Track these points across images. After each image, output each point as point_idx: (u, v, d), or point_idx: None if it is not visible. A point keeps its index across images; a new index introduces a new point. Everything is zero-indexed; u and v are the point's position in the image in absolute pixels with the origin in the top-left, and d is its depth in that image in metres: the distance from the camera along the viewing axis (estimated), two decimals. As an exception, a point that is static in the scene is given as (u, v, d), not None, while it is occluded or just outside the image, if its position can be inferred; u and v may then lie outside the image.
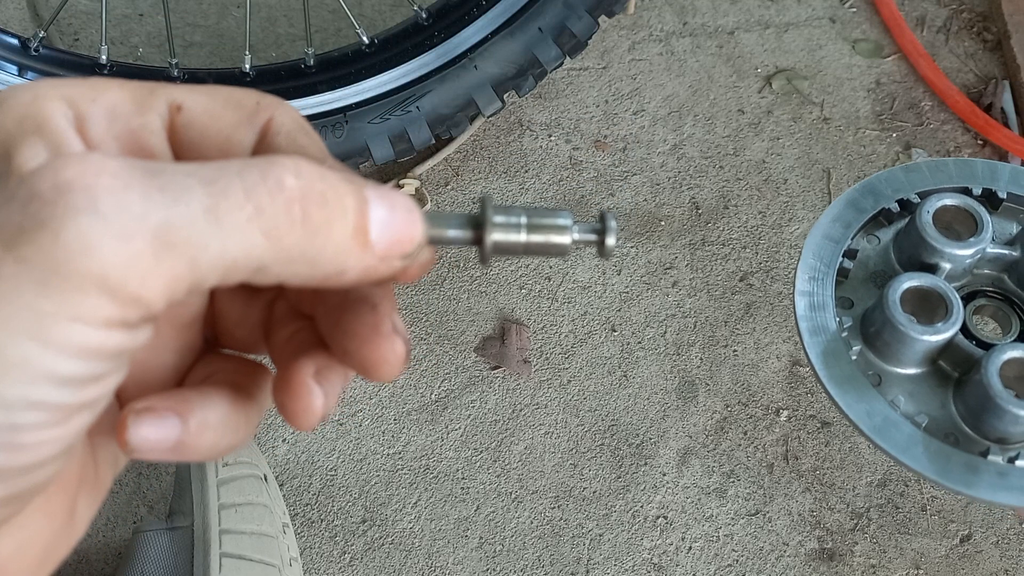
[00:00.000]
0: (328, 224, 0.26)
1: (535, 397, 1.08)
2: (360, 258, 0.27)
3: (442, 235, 0.30)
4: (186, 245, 0.23)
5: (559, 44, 1.07)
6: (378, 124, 1.08)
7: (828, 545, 1.02)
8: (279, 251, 0.25)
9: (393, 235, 0.27)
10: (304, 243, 0.25)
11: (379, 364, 0.29)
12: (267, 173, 0.25)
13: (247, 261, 0.25)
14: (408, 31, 1.08)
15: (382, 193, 0.27)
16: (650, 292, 1.15)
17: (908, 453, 0.51)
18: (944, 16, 1.38)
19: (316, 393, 0.29)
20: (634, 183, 1.23)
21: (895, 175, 0.61)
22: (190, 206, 0.24)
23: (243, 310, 0.33)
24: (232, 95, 0.29)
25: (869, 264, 0.60)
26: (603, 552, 1.01)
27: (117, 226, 0.23)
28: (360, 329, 0.29)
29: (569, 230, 0.31)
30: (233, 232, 0.24)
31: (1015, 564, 1.01)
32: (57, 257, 0.22)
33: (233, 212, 0.24)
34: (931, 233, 0.55)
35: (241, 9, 1.33)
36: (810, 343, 0.55)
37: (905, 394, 0.54)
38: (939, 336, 0.52)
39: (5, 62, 1.00)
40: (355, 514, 1.02)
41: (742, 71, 1.32)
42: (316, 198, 0.25)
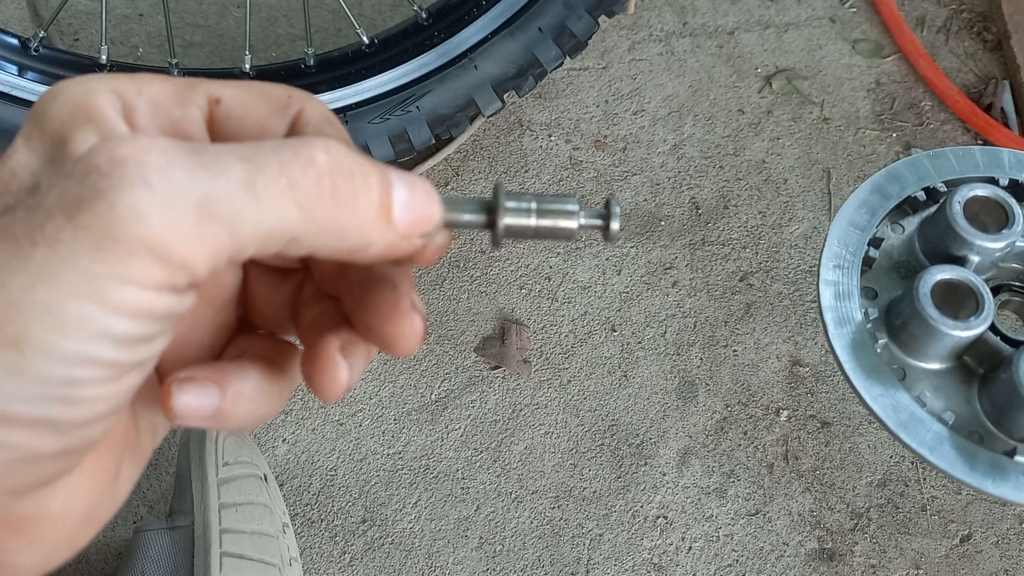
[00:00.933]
0: (355, 197, 0.28)
1: (535, 397, 1.08)
2: (384, 233, 0.29)
3: (458, 218, 0.32)
4: (226, 215, 0.26)
5: (559, 44, 1.07)
6: (378, 124, 1.08)
7: (828, 545, 1.02)
8: (311, 222, 0.27)
9: (414, 213, 0.29)
10: (333, 214, 0.27)
11: (399, 339, 0.31)
12: (299, 150, 0.27)
13: (282, 231, 0.27)
14: (408, 31, 1.08)
15: (403, 175, 0.30)
16: (650, 292, 1.15)
17: (936, 452, 0.50)
18: (944, 16, 1.38)
19: (342, 366, 0.31)
20: (634, 183, 1.23)
21: (920, 162, 0.60)
22: (229, 179, 0.26)
23: (273, 291, 0.35)
24: (265, 89, 0.32)
25: (893, 254, 0.58)
26: (603, 552, 1.01)
27: (165, 197, 0.25)
28: (382, 306, 0.31)
29: (576, 215, 0.33)
30: (269, 203, 0.26)
31: (1015, 564, 1.01)
32: (112, 224, 0.24)
33: (269, 185, 0.26)
34: (961, 224, 0.54)
35: (241, 9, 1.33)
36: (836, 334, 0.54)
37: (931, 390, 0.53)
38: (970, 332, 0.51)
39: (5, 62, 1.00)
40: (355, 514, 1.02)
41: (742, 71, 1.32)
42: (344, 173, 0.28)
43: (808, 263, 1.17)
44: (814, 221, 1.20)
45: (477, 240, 1.18)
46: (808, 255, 1.18)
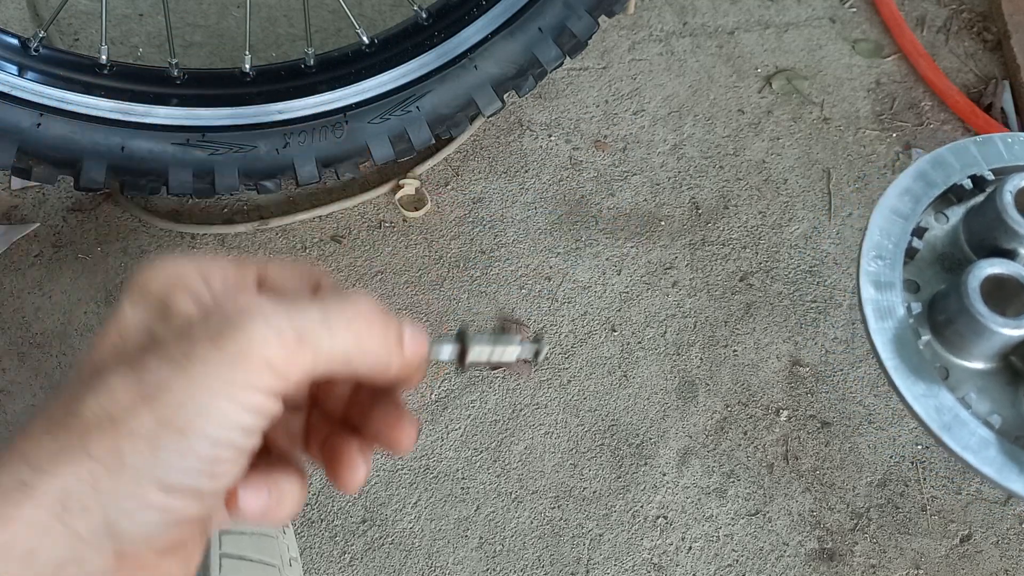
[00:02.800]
0: (386, 331, 0.39)
1: (535, 397, 1.08)
2: (399, 358, 0.40)
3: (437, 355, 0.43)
4: (312, 341, 0.36)
5: (559, 44, 1.07)
6: (378, 124, 1.08)
7: (828, 545, 1.02)
8: (361, 348, 0.38)
9: (416, 344, 0.41)
10: (374, 342, 0.38)
11: (401, 440, 0.43)
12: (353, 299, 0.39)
13: (343, 355, 0.37)
14: (408, 31, 1.08)
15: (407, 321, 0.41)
16: (650, 292, 1.15)
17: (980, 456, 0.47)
18: (944, 16, 1.38)
19: (362, 463, 0.43)
20: (634, 183, 1.23)
21: (965, 148, 0.56)
22: (313, 318, 0.37)
23: (287, 421, 0.45)
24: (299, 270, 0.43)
25: (937, 245, 0.54)
26: (603, 552, 1.01)
27: (276, 329, 0.35)
28: (387, 418, 0.43)
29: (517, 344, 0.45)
30: (338, 335, 0.37)
31: (1015, 564, 1.01)
32: (244, 346, 0.35)
33: (337, 322, 0.37)
34: (1013, 215, 0.50)
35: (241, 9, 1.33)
36: (876, 328, 0.50)
37: (975, 391, 0.50)
38: (1021, 330, 0.48)
39: (5, 62, 1.00)
40: (355, 514, 1.02)
41: (742, 71, 1.32)
42: (379, 314, 0.39)
43: (808, 263, 1.17)
44: (814, 221, 1.20)
45: (477, 240, 1.18)
46: (808, 255, 1.18)
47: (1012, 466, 0.47)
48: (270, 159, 1.07)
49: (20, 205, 1.19)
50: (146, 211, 1.19)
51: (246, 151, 1.06)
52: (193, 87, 1.07)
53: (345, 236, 1.18)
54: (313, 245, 1.17)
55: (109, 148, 1.03)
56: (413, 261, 1.16)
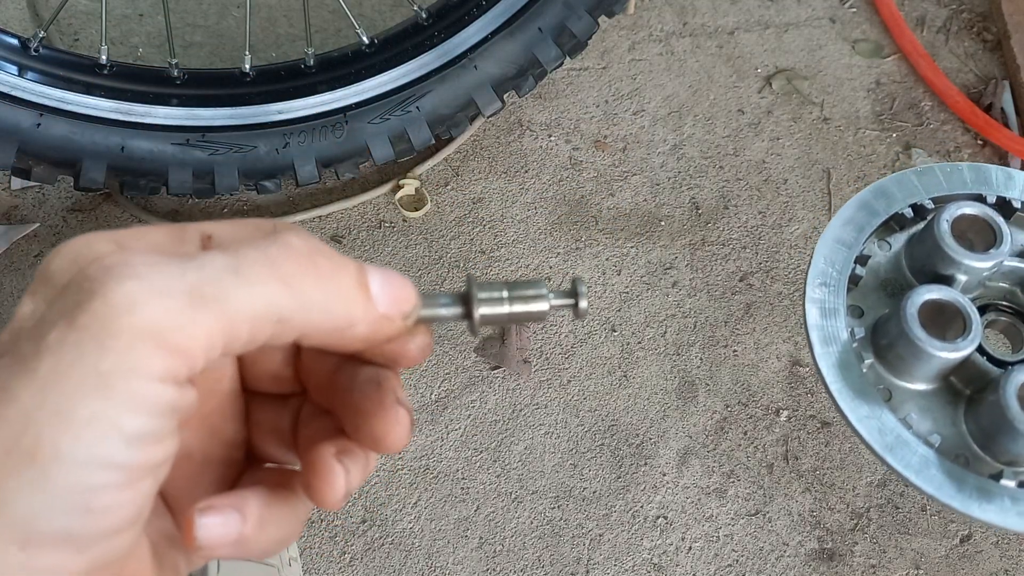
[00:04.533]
0: (335, 273, 0.30)
1: (535, 397, 1.08)
2: (366, 311, 0.31)
3: (435, 312, 0.34)
4: (216, 298, 0.27)
5: (559, 44, 1.07)
6: (378, 124, 1.08)
7: (828, 545, 1.01)
8: (295, 296, 0.28)
9: (391, 291, 0.31)
10: (317, 289, 0.29)
11: (386, 434, 0.32)
12: (275, 238, 0.29)
13: (270, 309, 0.28)
14: (408, 31, 1.08)
15: (374, 265, 0.32)
16: (650, 292, 1.15)
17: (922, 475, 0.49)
18: (944, 16, 1.38)
19: (338, 471, 0.32)
20: (634, 183, 1.23)
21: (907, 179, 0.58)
22: (216, 266, 0.27)
23: (276, 419, 0.36)
24: (253, 222, 0.33)
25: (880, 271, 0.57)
26: (603, 552, 1.01)
27: (157, 285, 0.26)
28: (367, 404, 0.33)
29: (546, 297, 0.36)
30: (255, 283, 0.28)
31: (1015, 564, 1.01)
32: (108, 318, 0.26)
33: (253, 266, 0.28)
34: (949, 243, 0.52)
35: (241, 9, 1.33)
36: (821, 354, 0.53)
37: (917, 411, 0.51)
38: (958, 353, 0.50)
39: (5, 62, 1.00)
40: (355, 514, 1.02)
41: (742, 71, 1.32)
42: (321, 251, 0.30)
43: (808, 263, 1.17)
44: (814, 221, 1.20)
45: (477, 240, 1.18)
46: (808, 255, 1.18)
47: (951, 484, 0.49)
48: (270, 159, 1.07)
49: (20, 205, 1.19)
50: (146, 211, 1.19)
51: (246, 151, 1.06)
52: (193, 87, 1.07)
53: (345, 236, 1.18)
54: (313, 245, 1.17)
55: (109, 148, 1.03)
56: (413, 261, 1.16)
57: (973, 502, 0.49)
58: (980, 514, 0.48)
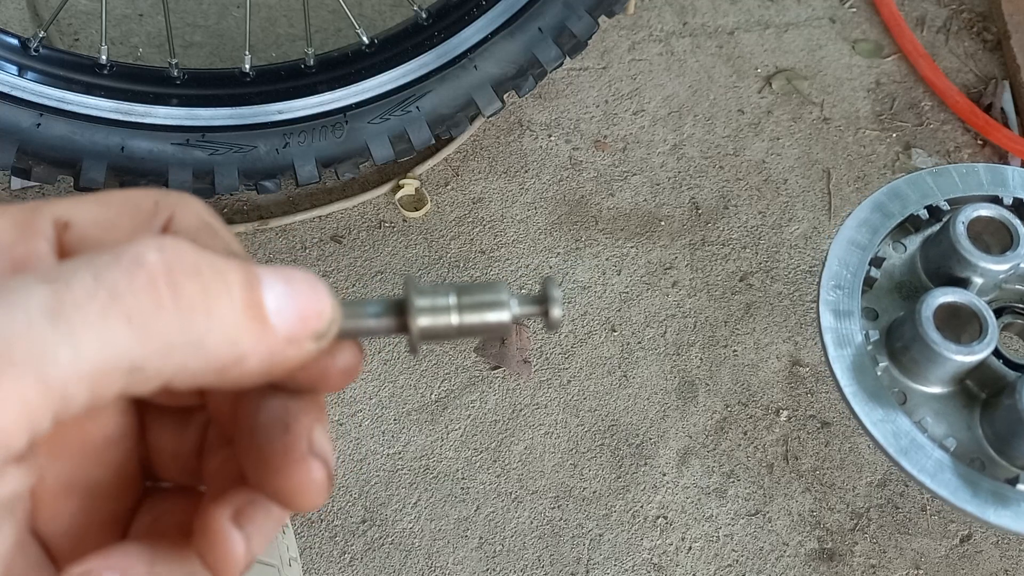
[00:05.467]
0: (206, 298, 0.22)
1: (535, 397, 1.08)
2: (259, 339, 0.23)
3: (361, 325, 0.27)
4: (29, 359, 0.20)
5: (559, 44, 1.07)
6: (378, 124, 1.08)
7: (828, 545, 1.01)
8: (150, 339, 0.21)
9: (297, 309, 0.24)
10: (181, 324, 0.21)
11: (293, 494, 0.25)
12: (121, 253, 0.21)
13: (114, 361, 0.21)
14: (408, 31, 1.08)
15: (277, 269, 0.24)
16: (650, 292, 1.15)
17: (937, 479, 0.49)
18: (944, 16, 1.38)
19: (235, 539, 0.25)
20: (634, 183, 1.23)
21: (922, 179, 0.58)
22: (29, 312, 0.20)
23: (177, 440, 0.29)
24: (127, 199, 0.26)
25: (895, 273, 0.56)
26: (603, 552, 1.01)
27: None
28: (271, 454, 0.25)
29: (507, 305, 0.28)
30: (85, 329, 0.20)
31: (1015, 564, 1.01)
32: None
33: (81, 305, 0.20)
34: (965, 245, 0.52)
35: (241, 9, 1.33)
36: (835, 356, 0.52)
37: (932, 415, 0.51)
38: (974, 357, 0.49)
39: (5, 62, 1.00)
40: (355, 514, 1.02)
41: (742, 71, 1.32)
42: (187, 269, 0.22)
43: (808, 263, 1.17)
44: (814, 221, 1.20)
45: (477, 240, 1.18)
46: (808, 255, 1.18)
47: (966, 489, 0.49)
48: (270, 159, 1.07)
49: (20, 205, 1.19)
50: (146, 211, 1.19)
51: (246, 151, 1.06)
52: (193, 87, 1.07)
53: (345, 236, 1.18)
54: (313, 245, 1.17)
55: (109, 148, 1.03)
56: (413, 261, 1.16)
57: (988, 507, 0.48)
58: (996, 519, 0.48)
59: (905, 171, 1.25)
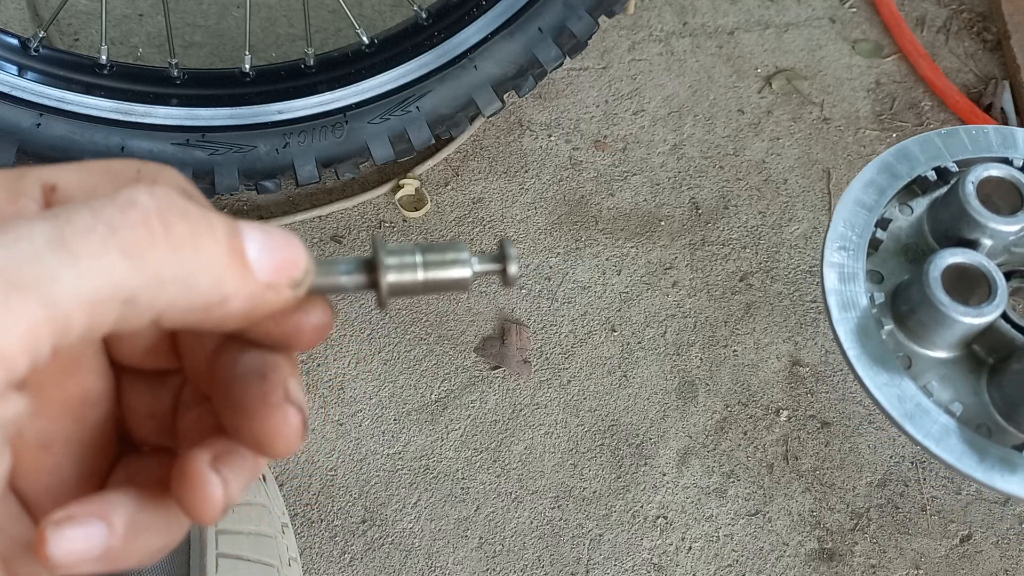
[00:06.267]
0: (195, 237, 0.23)
1: (535, 397, 1.08)
2: (242, 281, 0.24)
3: (333, 282, 0.28)
4: (34, 282, 0.21)
5: (559, 44, 1.07)
6: (378, 124, 1.08)
7: (828, 545, 1.01)
8: (144, 270, 0.22)
9: (274, 256, 0.25)
10: (172, 258, 0.23)
11: (271, 438, 0.26)
12: (116, 196, 0.23)
13: (111, 290, 0.22)
14: (408, 31, 1.08)
15: (255, 223, 0.26)
16: (650, 292, 1.15)
17: (942, 444, 0.47)
18: (944, 16, 1.38)
19: (213, 482, 0.26)
20: (634, 183, 1.23)
21: (931, 140, 0.56)
22: (33, 241, 0.21)
23: (152, 400, 0.30)
24: (109, 167, 0.27)
25: (901, 236, 0.55)
26: (603, 552, 1.01)
27: None
28: (248, 401, 0.27)
29: (467, 263, 0.31)
30: (86, 257, 0.21)
31: (1015, 564, 1.01)
32: None
33: (82, 235, 0.22)
34: (975, 206, 0.51)
35: (241, 9, 1.33)
36: (839, 319, 0.51)
37: (938, 379, 0.50)
38: (982, 319, 0.48)
39: (5, 62, 1.00)
40: (355, 514, 1.02)
41: (742, 71, 1.32)
42: (176, 211, 0.23)
43: (808, 263, 1.17)
44: (814, 221, 1.20)
45: (476, 240, 1.18)
46: (808, 255, 1.18)
47: (972, 454, 0.47)
48: (270, 159, 1.07)
49: (20, 205, 1.19)
50: (146, 211, 1.19)
51: (246, 151, 1.06)
52: (193, 87, 1.07)
53: (345, 236, 1.18)
54: (313, 245, 1.17)
55: (109, 148, 1.03)
56: (413, 261, 1.16)
57: (995, 473, 0.47)
58: (1003, 485, 0.46)
59: (905, 171, 1.25)
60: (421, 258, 0.30)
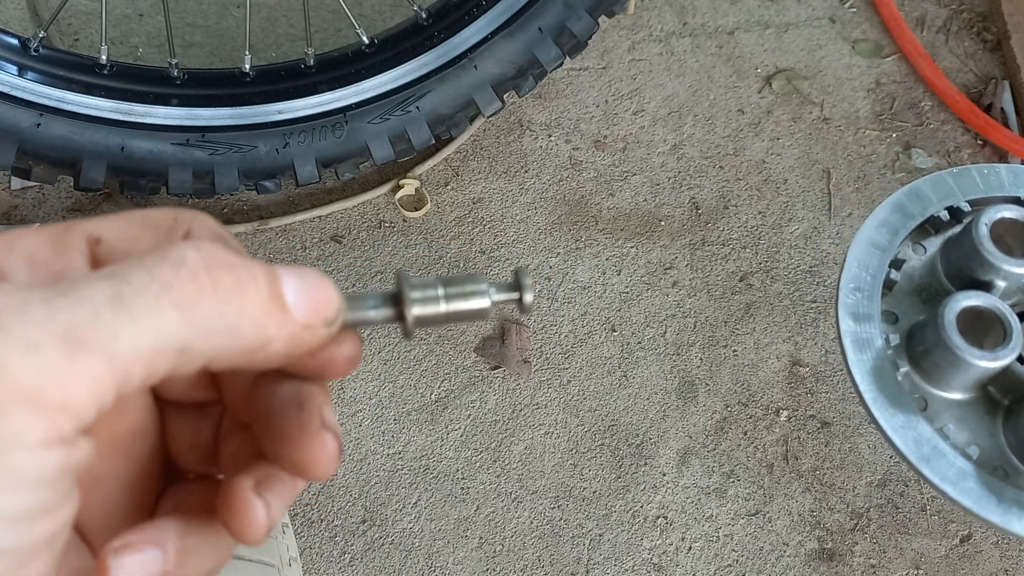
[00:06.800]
0: (240, 288, 0.26)
1: (535, 397, 1.08)
2: (282, 324, 0.27)
3: (362, 316, 0.31)
4: (97, 340, 0.23)
5: (559, 44, 1.07)
6: (378, 124, 1.08)
7: (828, 545, 1.01)
8: (195, 324, 0.24)
9: (310, 298, 0.27)
10: (220, 310, 0.25)
11: (310, 463, 0.29)
12: (166, 254, 0.25)
13: (166, 343, 0.24)
14: (408, 31, 1.08)
15: (289, 267, 0.28)
16: (650, 292, 1.15)
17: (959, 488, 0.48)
18: (944, 16, 1.38)
19: (256, 506, 0.28)
20: (634, 183, 1.23)
21: (943, 180, 0.57)
22: (95, 301, 0.23)
23: (194, 432, 0.33)
24: (148, 217, 0.29)
25: (915, 276, 0.55)
26: (603, 552, 1.01)
27: (22, 338, 0.22)
28: (288, 429, 0.29)
29: (487, 293, 0.32)
30: (143, 315, 0.24)
31: (1015, 564, 1.01)
32: None
33: (139, 295, 0.24)
34: (989, 248, 0.51)
35: (241, 9, 1.33)
36: (855, 361, 0.51)
37: (954, 421, 0.50)
38: (998, 363, 0.48)
39: (5, 62, 1.00)
40: (355, 514, 1.02)
41: (742, 71, 1.32)
42: (221, 265, 0.25)
43: (808, 263, 1.17)
44: (814, 221, 1.20)
45: (477, 240, 1.18)
46: (808, 255, 1.18)
47: (990, 497, 0.48)
48: (270, 159, 1.07)
49: (20, 205, 1.19)
50: (146, 211, 1.19)
51: (246, 151, 1.06)
52: (193, 87, 1.07)
53: (345, 236, 1.18)
54: (313, 245, 1.17)
55: (109, 148, 1.03)
56: (413, 261, 1.16)
57: (1013, 516, 0.47)
58: (1020, 529, 0.46)
59: (905, 171, 1.25)
60: (443, 291, 0.32)
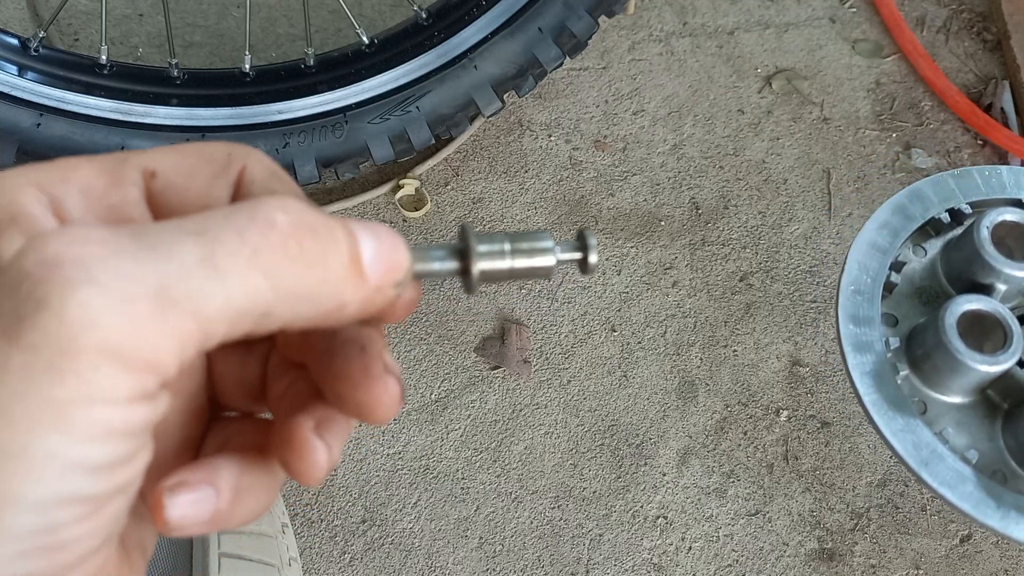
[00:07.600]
0: (324, 256, 0.25)
1: (535, 397, 1.08)
2: (358, 289, 0.26)
3: (428, 268, 0.30)
4: (189, 299, 0.23)
5: (559, 44, 1.07)
6: (378, 124, 1.08)
7: (828, 545, 1.01)
8: (281, 289, 0.24)
9: (385, 262, 0.27)
10: (305, 278, 0.25)
11: (374, 406, 0.28)
12: (255, 214, 0.25)
13: (252, 307, 0.24)
14: (408, 31, 1.08)
15: (365, 224, 0.27)
16: (650, 292, 1.15)
17: (958, 492, 0.47)
18: (944, 16, 1.38)
19: (319, 448, 0.28)
20: (634, 183, 1.23)
21: (944, 182, 0.56)
22: (185, 259, 0.23)
23: (241, 369, 0.32)
24: (203, 151, 0.29)
25: (915, 278, 0.55)
26: (603, 552, 1.01)
27: (117, 293, 0.22)
28: (352, 372, 0.29)
29: (552, 251, 0.31)
30: (234, 278, 0.24)
31: (1015, 564, 1.01)
32: (63, 337, 0.21)
33: (230, 257, 0.24)
34: (990, 251, 0.51)
35: (241, 9, 1.33)
36: (855, 364, 0.51)
37: (953, 425, 0.50)
38: (998, 367, 0.48)
39: (5, 62, 1.00)
40: (355, 514, 1.02)
41: (742, 71, 1.32)
42: (308, 231, 0.25)
43: (808, 263, 1.17)
44: (814, 221, 1.20)
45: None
46: (808, 255, 1.18)
47: (989, 501, 0.47)
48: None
49: (20, 205, 1.19)
50: (146, 211, 1.19)
51: (246, 151, 1.06)
52: (193, 87, 1.07)
53: (345, 236, 1.18)
54: (313, 245, 1.17)
55: (109, 148, 1.03)
56: (413, 261, 1.16)
57: (1011, 521, 0.47)
58: (1019, 534, 0.46)
59: (905, 171, 1.25)
60: (510, 246, 0.31)
